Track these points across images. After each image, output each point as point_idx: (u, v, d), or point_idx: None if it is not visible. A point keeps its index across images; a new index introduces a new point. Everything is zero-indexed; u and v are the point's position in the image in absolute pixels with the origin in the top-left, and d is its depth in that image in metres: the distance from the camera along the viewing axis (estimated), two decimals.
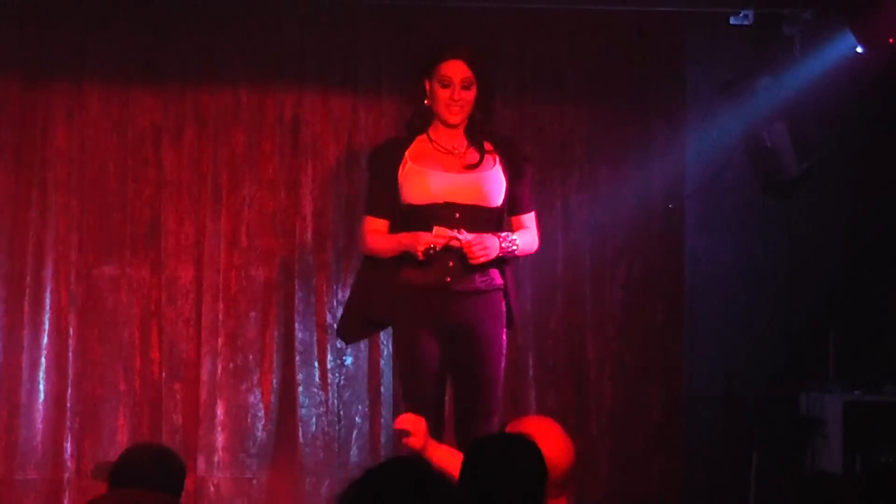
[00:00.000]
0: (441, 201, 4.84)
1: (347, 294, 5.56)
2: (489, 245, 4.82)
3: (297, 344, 6.10)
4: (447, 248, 4.81)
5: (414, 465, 2.26)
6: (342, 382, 6.09)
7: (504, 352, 4.99)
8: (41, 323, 5.98)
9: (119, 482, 3.49)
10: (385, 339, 5.96)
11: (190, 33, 6.09)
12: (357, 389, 6.09)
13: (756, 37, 6.23)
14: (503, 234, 4.90)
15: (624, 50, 6.35)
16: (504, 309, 4.96)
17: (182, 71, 6.09)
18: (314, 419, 6.10)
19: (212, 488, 6.00)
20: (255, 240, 6.13)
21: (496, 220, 4.95)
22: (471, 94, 4.85)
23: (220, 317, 6.06)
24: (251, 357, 6.09)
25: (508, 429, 3.84)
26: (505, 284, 4.97)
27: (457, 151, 4.88)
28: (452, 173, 4.86)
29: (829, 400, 6.24)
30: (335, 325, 5.74)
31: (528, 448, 3.34)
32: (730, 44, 6.32)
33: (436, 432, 4.94)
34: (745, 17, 6.17)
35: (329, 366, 6.06)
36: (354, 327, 5.19)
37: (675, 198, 6.36)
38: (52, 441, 5.95)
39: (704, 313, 6.42)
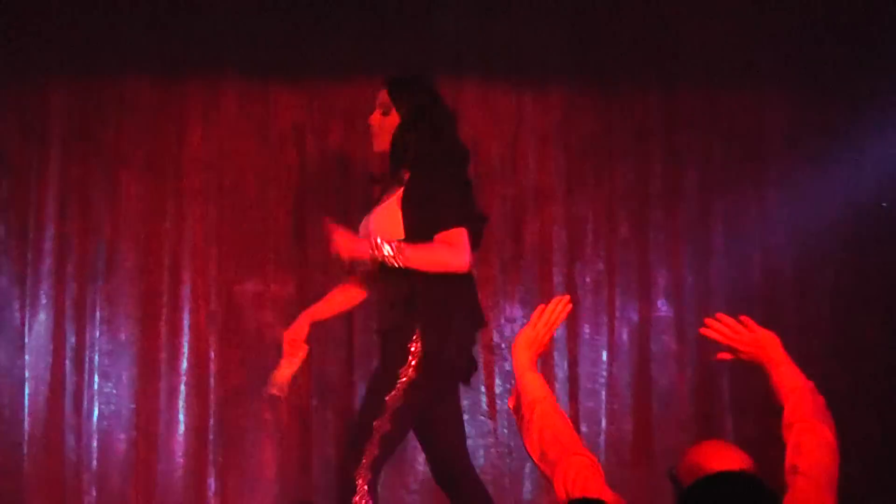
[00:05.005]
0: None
1: (515, 310, 5.84)
2: (357, 246, 4.77)
3: None
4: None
5: None
6: None
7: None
8: (179, 346, 5.94)
9: None
10: (559, 359, 5.95)
11: (335, 22, 6.03)
12: None
13: None
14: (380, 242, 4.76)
15: (827, 28, 6.18)
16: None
17: (326, 63, 6.03)
18: (481, 451, 5.96)
19: None
20: None
21: None
22: (389, 120, 4.88)
23: (374, 337, 5.72)
24: None
25: (679, 465, 3.49)
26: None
27: (382, 181, 5.00)
28: (373, 208, 4.95)
29: None
30: (503, 346, 5.85)
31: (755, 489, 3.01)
32: None
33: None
34: None
35: (497, 391, 5.95)
36: None
37: (889, 195, 6.16)
38: (194, 476, 5.89)
39: None
